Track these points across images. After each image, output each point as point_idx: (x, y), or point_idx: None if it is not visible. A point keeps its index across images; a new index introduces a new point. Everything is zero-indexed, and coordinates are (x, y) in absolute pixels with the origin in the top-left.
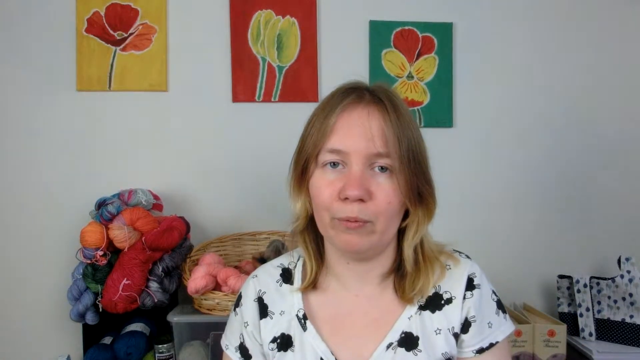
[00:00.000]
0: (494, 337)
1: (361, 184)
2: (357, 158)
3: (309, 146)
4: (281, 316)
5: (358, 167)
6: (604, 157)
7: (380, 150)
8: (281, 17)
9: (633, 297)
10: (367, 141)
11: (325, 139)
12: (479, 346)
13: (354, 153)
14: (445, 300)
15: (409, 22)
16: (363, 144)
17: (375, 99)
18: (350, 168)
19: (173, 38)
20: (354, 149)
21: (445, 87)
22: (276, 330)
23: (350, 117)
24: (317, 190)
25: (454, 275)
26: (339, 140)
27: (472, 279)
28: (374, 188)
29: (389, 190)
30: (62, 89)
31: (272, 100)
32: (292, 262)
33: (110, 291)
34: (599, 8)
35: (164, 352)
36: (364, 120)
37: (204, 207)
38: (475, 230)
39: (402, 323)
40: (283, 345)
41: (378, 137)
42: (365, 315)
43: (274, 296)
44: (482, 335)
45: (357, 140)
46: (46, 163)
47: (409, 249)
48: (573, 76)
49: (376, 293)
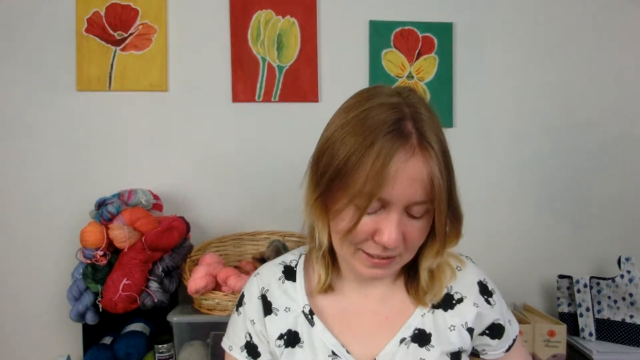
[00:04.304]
0: (514, 331)
1: (399, 235)
2: (399, 206)
3: (352, 183)
4: (286, 313)
5: (397, 215)
6: (604, 157)
7: (423, 199)
8: (281, 17)
9: (633, 297)
10: (413, 190)
11: (377, 189)
12: (508, 345)
13: (397, 202)
14: (457, 300)
15: (409, 22)
16: (408, 193)
17: (425, 143)
18: (389, 214)
19: (173, 38)
20: (398, 198)
21: (445, 87)
22: (282, 327)
23: (405, 167)
24: (347, 227)
25: (464, 277)
26: (388, 191)
27: (485, 285)
28: (408, 231)
29: (422, 231)
30: (62, 89)
31: (272, 100)
32: (293, 260)
33: (110, 291)
34: (598, 8)
35: (164, 352)
36: (414, 170)
37: (204, 207)
38: (475, 230)
39: (415, 320)
40: (290, 342)
41: (421, 186)
42: (375, 315)
43: (277, 293)
44: (509, 334)
45: (404, 189)
46: (46, 163)
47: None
48: (573, 76)
49: (387, 294)
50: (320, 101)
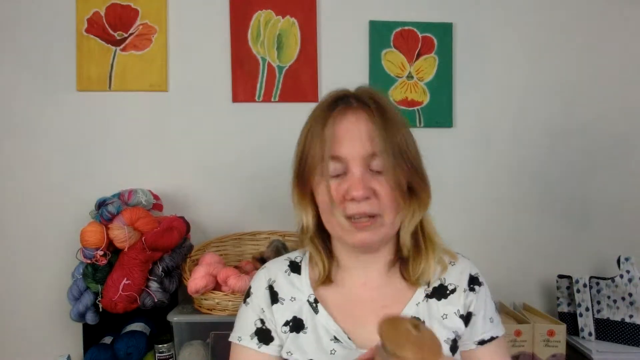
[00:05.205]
0: (495, 331)
1: (364, 185)
2: (355, 161)
3: (310, 158)
4: (292, 302)
5: (357, 169)
6: (604, 157)
7: (371, 151)
8: (281, 17)
9: (632, 297)
10: (360, 144)
11: (323, 149)
12: (481, 338)
13: (351, 158)
14: (450, 291)
15: (409, 22)
16: (357, 147)
17: (361, 103)
18: (350, 172)
19: (173, 38)
20: (350, 154)
21: (445, 87)
22: (288, 314)
23: (341, 124)
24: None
25: (458, 269)
26: (337, 148)
27: (476, 277)
28: (377, 187)
29: (389, 187)
30: (62, 89)
31: (272, 100)
32: (298, 257)
33: (110, 291)
34: (599, 9)
35: (164, 352)
36: (353, 125)
37: (204, 207)
38: (475, 230)
39: (411, 309)
40: (295, 327)
41: (367, 139)
42: (373, 302)
43: (283, 283)
44: (485, 328)
45: (351, 144)
46: (46, 163)
47: (406, 235)
48: (573, 76)
49: (383, 282)
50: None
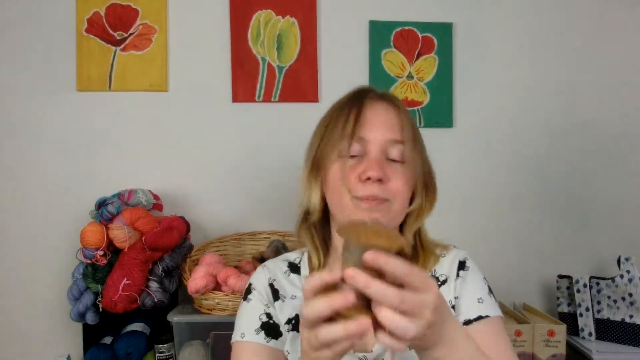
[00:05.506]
0: (483, 311)
1: (380, 167)
2: (376, 145)
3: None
4: (292, 300)
5: (376, 153)
6: (604, 157)
7: (397, 137)
8: (281, 17)
9: (633, 297)
10: (386, 129)
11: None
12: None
13: (374, 141)
14: (442, 282)
15: (409, 22)
16: (383, 131)
17: (384, 97)
18: (369, 154)
19: (173, 38)
20: (374, 137)
21: (445, 87)
22: (290, 312)
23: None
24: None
25: (447, 260)
26: (362, 130)
27: (463, 262)
28: (391, 173)
29: (403, 177)
30: (62, 89)
31: (272, 100)
32: (297, 258)
33: (110, 291)
34: (599, 9)
35: (164, 352)
36: (383, 111)
37: (204, 207)
38: (475, 230)
39: None
40: (296, 326)
41: (396, 126)
42: None
43: (284, 282)
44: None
45: (377, 128)
46: (46, 163)
47: (410, 233)
48: (573, 76)
49: None
50: (320, 101)
